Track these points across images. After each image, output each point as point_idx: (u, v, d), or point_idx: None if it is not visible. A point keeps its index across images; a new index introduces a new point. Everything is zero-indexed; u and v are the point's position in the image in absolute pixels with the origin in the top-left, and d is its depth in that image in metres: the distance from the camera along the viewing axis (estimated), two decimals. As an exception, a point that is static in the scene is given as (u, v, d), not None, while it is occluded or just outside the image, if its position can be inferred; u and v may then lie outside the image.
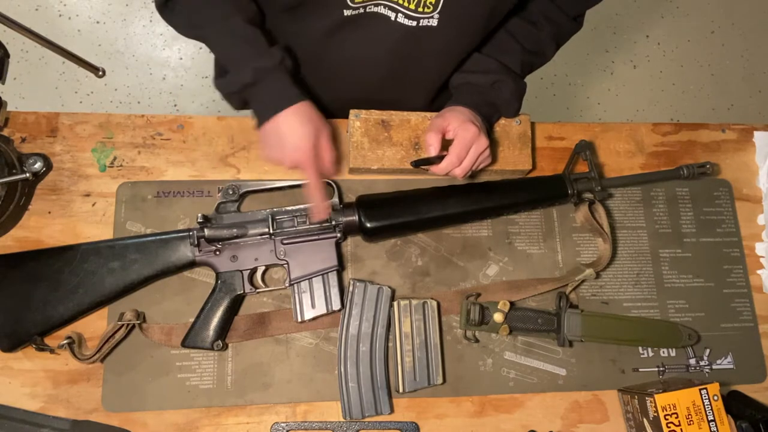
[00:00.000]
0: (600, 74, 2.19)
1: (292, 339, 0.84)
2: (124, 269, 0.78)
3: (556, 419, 0.85)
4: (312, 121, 0.77)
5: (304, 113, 0.76)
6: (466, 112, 0.83)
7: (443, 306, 0.86)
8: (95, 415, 0.78)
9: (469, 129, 0.79)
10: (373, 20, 0.78)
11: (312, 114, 0.78)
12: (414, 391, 0.81)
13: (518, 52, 0.89)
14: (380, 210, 0.83)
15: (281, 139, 0.75)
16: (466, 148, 0.80)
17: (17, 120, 0.88)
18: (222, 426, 0.80)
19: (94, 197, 0.86)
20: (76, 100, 1.92)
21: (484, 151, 0.81)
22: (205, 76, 2.00)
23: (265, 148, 0.79)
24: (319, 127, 0.78)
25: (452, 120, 0.81)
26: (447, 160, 0.80)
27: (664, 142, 1.02)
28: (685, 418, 0.76)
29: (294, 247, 0.82)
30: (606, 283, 0.92)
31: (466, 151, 0.80)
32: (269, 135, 0.77)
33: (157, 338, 0.80)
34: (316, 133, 0.77)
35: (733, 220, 0.98)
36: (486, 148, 0.81)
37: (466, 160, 0.81)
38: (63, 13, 1.99)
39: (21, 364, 0.79)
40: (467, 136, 0.79)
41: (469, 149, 0.80)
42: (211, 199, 0.87)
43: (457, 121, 0.80)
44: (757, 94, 2.25)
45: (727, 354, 0.91)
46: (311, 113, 0.78)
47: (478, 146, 0.80)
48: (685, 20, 2.29)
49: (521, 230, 0.93)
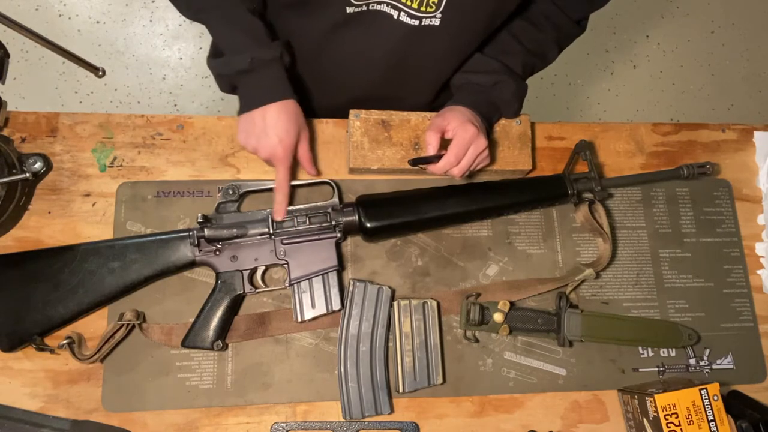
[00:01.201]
0: (600, 74, 2.19)
1: (292, 339, 0.84)
2: (124, 269, 0.78)
3: (556, 419, 0.85)
4: (297, 119, 0.80)
5: (292, 110, 0.79)
6: (466, 112, 0.83)
7: (443, 306, 0.86)
8: (95, 415, 0.78)
9: (468, 129, 0.79)
10: (376, 18, 0.78)
11: (298, 113, 0.80)
12: (414, 391, 0.81)
13: (520, 53, 0.89)
14: (380, 210, 0.83)
15: (265, 129, 0.77)
16: (465, 148, 0.80)
17: (17, 120, 0.88)
18: (222, 426, 0.80)
19: (94, 197, 0.86)
20: (76, 100, 1.92)
21: (483, 151, 0.81)
22: (205, 76, 2.00)
23: (242, 133, 0.80)
24: (302, 128, 0.81)
25: (452, 120, 0.81)
26: (445, 159, 0.80)
27: (664, 142, 1.02)
28: (685, 418, 0.76)
29: (294, 247, 0.82)
30: (606, 283, 0.92)
31: (464, 151, 0.80)
32: (252, 123, 0.78)
33: (157, 338, 0.80)
34: (299, 132, 0.80)
35: (733, 220, 0.98)
36: (484, 148, 0.81)
37: (464, 160, 0.81)
38: (63, 13, 1.99)
39: (21, 364, 0.79)
40: (466, 136, 0.79)
41: (467, 149, 0.80)
42: (211, 199, 0.87)
43: (456, 121, 0.80)
44: (757, 94, 2.25)
45: (727, 354, 0.91)
46: (298, 112, 0.80)
47: (476, 146, 0.80)
48: (685, 20, 2.29)
49: (521, 230, 0.93)
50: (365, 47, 0.84)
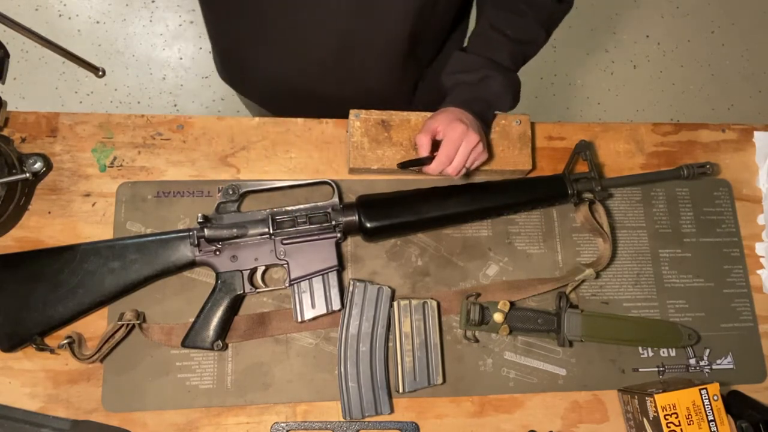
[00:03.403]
0: (600, 74, 2.19)
1: (292, 339, 0.84)
2: (124, 269, 0.78)
3: (556, 419, 0.85)
4: None
5: None
6: (456, 111, 0.83)
7: (443, 306, 0.86)
8: (95, 415, 0.78)
9: (456, 128, 0.79)
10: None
11: None
12: (414, 391, 0.81)
13: (505, 44, 0.88)
14: (380, 210, 0.83)
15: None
16: (455, 146, 0.80)
17: (17, 120, 0.88)
18: (222, 426, 0.80)
19: (94, 197, 0.86)
20: (76, 100, 1.92)
21: (476, 146, 0.81)
22: (206, 76, 2.01)
23: None
24: None
25: (441, 121, 0.81)
26: (436, 160, 0.80)
27: (664, 142, 1.02)
28: (685, 418, 0.76)
29: (294, 247, 0.82)
30: (606, 283, 0.92)
31: (454, 150, 0.80)
32: None
33: (157, 338, 0.80)
34: None
35: (733, 220, 0.98)
36: (476, 143, 0.81)
37: (456, 158, 0.80)
38: (63, 13, 1.99)
39: (21, 364, 0.79)
40: (454, 135, 0.79)
41: (458, 147, 0.80)
42: (211, 199, 0.87)
43: (445, 121, 0.81)
44: (757, 94, 2.25)
45: (727, 354, 0.91)
46: None
47: (467, 143, 0.80)
48: (685, 20, 2.29)
49: (521, 230, 0.93)
50: (317, 11, 0.82)
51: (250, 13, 0.85)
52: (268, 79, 0.99)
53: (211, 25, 0.96)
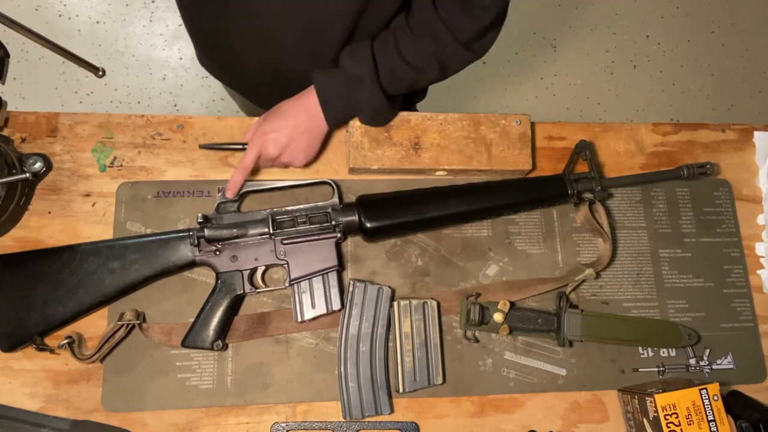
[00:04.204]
0: (600, 74, 2.19)
1: (292, 339, 0.84)
2: (124, 269, 0.78)
3: (556, 419, 0.85)
4: None
5: None
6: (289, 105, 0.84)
7: (443, 306, 0.86)
8: (95, 415, 0.78)
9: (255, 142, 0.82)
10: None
11: None
12: (414, 391, 0.81)
13: (393, 57, 0.82)
14: (380, 210, 0.83)
15: None
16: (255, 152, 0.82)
17: (17, 120, 0.88)
18: (222, 426, 0.80)
19: (94, 197, 0.86)
20: (76, 100, 1.92)
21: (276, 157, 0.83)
22: (205, 76, 2.00)
23: None
24: None
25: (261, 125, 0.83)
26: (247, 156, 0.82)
27: (664, 142, 1.02)
28: (685, 418, 0.76)
29: (294, 247, 0.82)
30: (606, 283, 0.92)
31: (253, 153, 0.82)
32: None
33: (157, 338, 0.80)
34: None
35: (733, 220, 0.98)
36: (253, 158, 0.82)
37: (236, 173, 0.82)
38: (63, 13, 1.99)
39: (21, 364, 0.79)
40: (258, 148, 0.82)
41: (258, 154, 0.83)
42: (211, 199, 0.87)
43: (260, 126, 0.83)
44: (757, 94, 2.24)
45: (727, 354, 0.91)
46: None
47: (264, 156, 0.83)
48: (685, 20, 2.29)
49: (521, 230, 0.93)
50: None
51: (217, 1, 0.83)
52: (243, 62, 0.95)
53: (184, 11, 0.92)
